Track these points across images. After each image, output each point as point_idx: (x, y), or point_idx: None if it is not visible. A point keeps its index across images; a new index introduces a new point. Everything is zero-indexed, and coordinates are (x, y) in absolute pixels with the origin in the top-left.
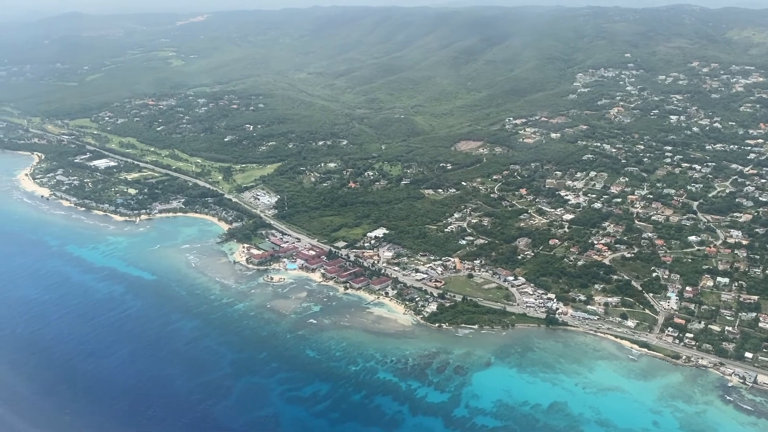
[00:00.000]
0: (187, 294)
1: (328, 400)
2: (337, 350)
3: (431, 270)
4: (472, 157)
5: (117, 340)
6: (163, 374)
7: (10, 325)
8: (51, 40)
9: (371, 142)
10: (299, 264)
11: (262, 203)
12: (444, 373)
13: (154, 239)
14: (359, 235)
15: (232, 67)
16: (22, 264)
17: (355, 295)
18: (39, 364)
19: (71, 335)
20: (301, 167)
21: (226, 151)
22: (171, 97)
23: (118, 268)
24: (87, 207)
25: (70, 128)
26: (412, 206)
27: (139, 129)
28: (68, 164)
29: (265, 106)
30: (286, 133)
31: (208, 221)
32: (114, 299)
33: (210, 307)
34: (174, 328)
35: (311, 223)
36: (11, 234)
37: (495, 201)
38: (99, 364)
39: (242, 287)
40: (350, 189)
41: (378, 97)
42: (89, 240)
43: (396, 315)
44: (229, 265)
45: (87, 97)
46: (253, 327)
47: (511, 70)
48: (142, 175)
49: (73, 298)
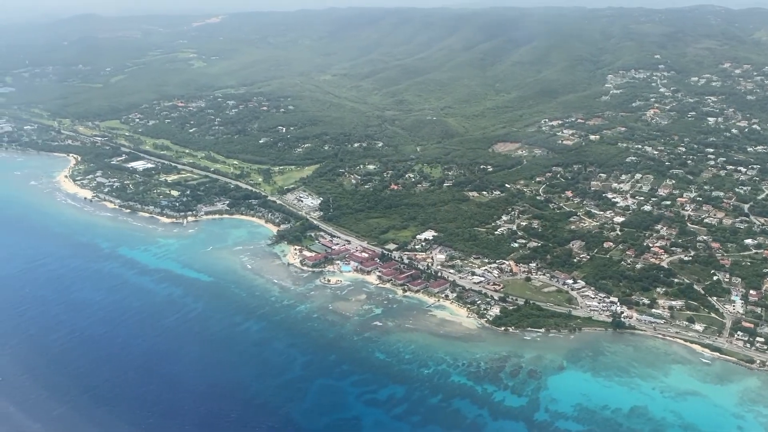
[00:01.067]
0: (248, 296)
1: (405, 403)
2: (406, 353)
3: (487, 273)
4: (512, 159)
5: (186, 342)
6: (237, 377)
7: (78, 328)
8: (70, 42)
9: (406, 143)
10: (353, 266)
11: (305, 205)
12: (518, 377)
13: (204, 241)
14: (408, 238)
15: (255, 68)
16: (78, 266)
17: (415, 297)
18: (116, 367)
19: (141, 338)
20: (339, 169)
21: (262, 153)
22: (199, 98)
23: (173, 269)
24: (132, 209)
25: (101, 130)
26: (458, 208)
27: (172, 131)
28: (106, 166)
29: (296, 108)
30: (321, 135)
31: (255, 223)
32: (175, 301)
33: (272, 309)
34: (240, 330)
35: (358, 225)
36: (61, 236)
37: (542, 203)
38: (173, 367)
39: (300, 289)
40: (393, 191)
41: (406, 99)
42: (140, 242)
43: (459, 318)
44: (284, 266)
45: (114, 99)
46: (319, 329)
47: (539, 72)
48: (181, 176)
49: (133, 301)
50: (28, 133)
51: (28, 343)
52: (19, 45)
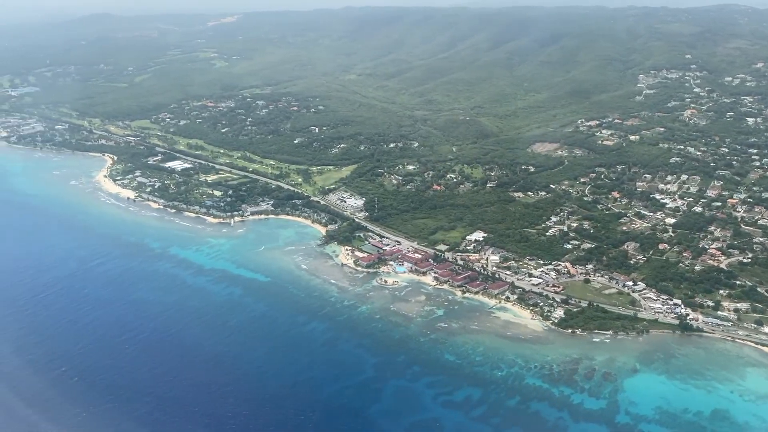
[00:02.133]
0: (307, 296)
1: (483, 405)
2: (476, 355)
3: (544, 274)
4: (553, 160)
5: (253, 342)
6: (309, 377)
7: (146, 329)
8: (88, 41)
9: (441, 143)
10: (407, 267)
11: (349, 205)
12: (593, 380)
13: (254, 241)
14: (457, 239)
15: (278, 68)
16: (132, 267)
17: (475, 299)
18: (192, 369)
19: (211, 339)
20: (378, 169)
21: (297, 153)
22: (228, 99)
23: (229, 270)
24: (177, 209)
25: (133, 130)
26: (505, 209)
27: (204, 131)
28: (143, 166)
29: (326, 108)
30: (355, 135)
31: (302, 223)
32: (235, 301)
33: (333, 310)
34: (306, 331)
35: (405, 225)
36: (110, 236)
37: (590, 204)
38: (248, 368)
39: (358, 290)
40: (435, 191)
41: (435, 99)
42: (190, 242)
43: (524, 320)
44: (338, 267)
45: (141, 99)
46: (383, 330)
47: (568, 72)
48: (220, 177)
49: (194, 301)
50: (61, 133)
51: (99, 345)
52: (36, 44)
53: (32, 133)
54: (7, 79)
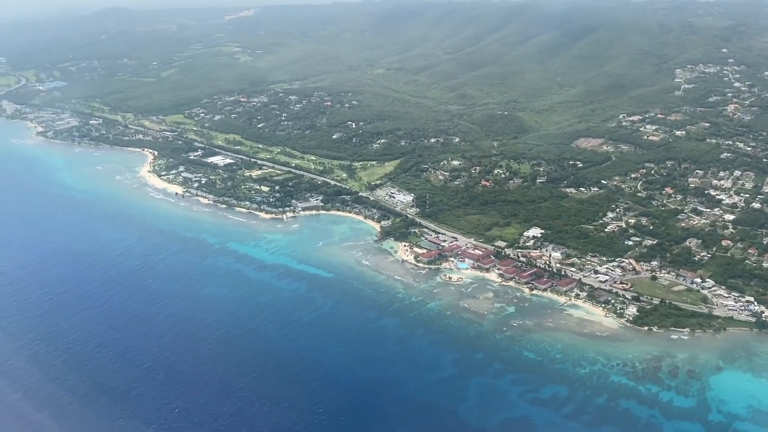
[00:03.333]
0: (373, 292)
1: (571, 403)
2: (555, 352)
3: (610, 271)
4: (599, 155)
5: (328, 339)
6: (391, 373)
7: (220, 325)
8: (108, 36)
9: (481, 139)
10: (469, 263)
11: (398, 201)
12: (678, 378)
13: (310, 237)
14: (514, 235)
15: (303, 63)
16: (193, 262)
17: (544, 296)
18: (274, 365)
19: (285, 335)
20: (423, 165)
21: (337, 149)
22: (260, 94)
23: (290, 265)
24: (228, 204)
25: (167, 124)
26: (559, 205)
27: (240, 126)
28: (186, 161)
29: (360, 103)
30: (394, 131)
31: (354, 219)
32: (303, 297)
33: (402, 306)
34: (378, 327)
35: (458, 221)
36: (166, 232)
37: (644, 200)
38: (328, 364)
39: (423, 286)
40: (485, 187)
41: (468, 93)
42: (247, 237)
43: (597, 318)
44: (399, 263)
45: (172, 94)
46: (457, 327)
47: (602, 66)
48: (264, 172)
49: (260, 296)
50: (96, 128)
51: (178, 341)
52: (56, 39)
53: (68, 128)
54: (33, 74)
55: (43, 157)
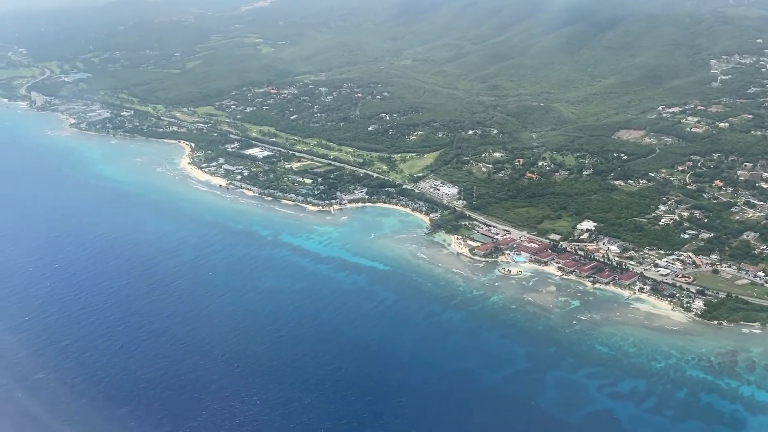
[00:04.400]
0: (433, 285)
1: (651, 397)
2: (627, 346)
3: (671, 265)
4: (643, 147)
5: (397, 332)
6: (462, 367)
7: (285, 317)
8: (126, 27)
9: (519, 130)
10: (526, 257)
11: (443, 193)
12: (756, 372)
13: (360, 229)
14: (567, 228)
15: (327, 54)
16: (248, 254)
17: (607, 290)
18: (349, 358)
19: (353, 327)
20: (463, 157)
21: (375, 141)
22: (289, 85)
23: (346, 258)
24: (274, 197)
25: (199, 116)
26: (609, 198)
27: (273, 118)
28: (224, 153)
29: (391, 95)
30: (430, 122)
31: (402, 211)
32: (363, 290)
33: (465, 299)
34: (443, 320)
35: (507, 214)
36: (216, 224)
37: (695, 193)
38: (401, 357)
39: (483, 279)
40: (531, 180)
41: (498, 84)
42: (299, 230)
43: (664, 312)
44: (454, 256)
45: (200, 85)
46: (524, 320)
47: (634, 57)
48: (304, 164)
49: (322, 288)
50: (129, 120)
51: (251, 333)
52: (73, 30)
53: (100, 119)
54: (56, 65)
55: (80, 149)
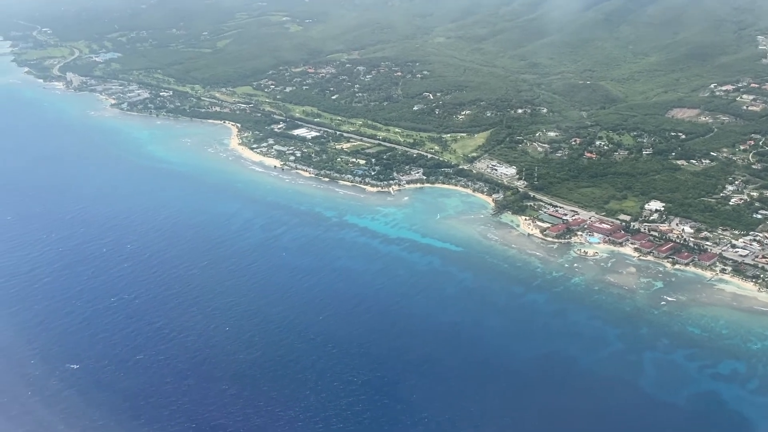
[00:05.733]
0: (510, 267)
1: (754, 378)
2: (719, 328)
3: (748, 245)
4: (700, 126)
5: (480, 313)
6: (556, 349)
7: (366, 298)
8: (147, 5)
9: (567, 109)
10: (600, 238)
11: (501, 174)
12: None
13: (424, 210)
14: (635, 208)
15: (357, 32)
16: (317, 235)
17: (688, 271)
18: (441, 340)
19: (437, 308)
20: (516, 136)
21: (421, 120)
22: (326, 64)
23: (415, 239)
24: (331, 178)
25: (239, 96)
26: (674, 178)
27: (314, 98)
28: (272, 134)
29: (431, 74)
30: (476, 101)
31: (462, 192)
32: (440, 271)
33: (545, 281)
34: (527, 302)
35: (571, 194)
36: (279, 205)
37: (761, 173)
38: (486, 339)
39: (560, 260)
40: (590, 159)
41: (539, 62)
42: (362, 211)
43: (751, 293)
44: (525, 237)
45: (234, 65)
46: (609, 302)
47: (676, 33)
48: (353, 145)
49: (398, 269)
50: (169, 100)
51: (338, 315)
52: (95, 9)
53: (140, 100)
54: (83, 45)
55: (125, 130)
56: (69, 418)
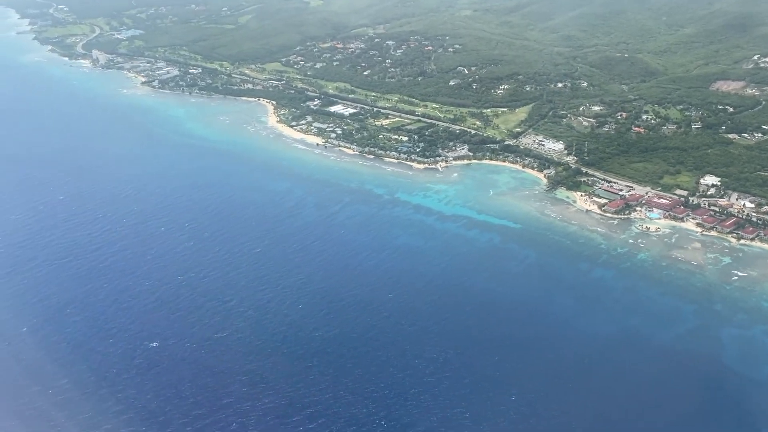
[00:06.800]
0: (572, 243)
1: None
2: None
3: None
4: (747, 99)
5: (548, 290)
6: (631, 326)
7: (439, 276)
8: None
9: (606, 83)
10: (660, 213)
11: (549, 149)
12: None
13: (475, 187)
14: (689, 183)
15: (380, 6)
16: (371, 212)
17: (754, 246)
18: (512, 318)
19: (503, 286)
20: (559, 111)
21: (458, 96)
22: (353, 39)
23: (471, 216)
24: (375, 155)
25: (269, 73)
26: (727, 152)
27: (346, 73)
28: (309, 111)
29: (463, 48)
30: (513, 75)
31: (511, 168)
32: (501, 248)
33: (610, 257)
34: (595, 278)
35: (623, 169)
36: (329, 183)
37: None
38: (557, 317)
39: (623, 236)
40: (638, 134)
41: (571, 35)
42: (413, 188)
43: None
44: (583, 213)
45: (259, 41)
46: (679, 278)
47: (711, 3)
48: (392, 122)
49: (458, 247)
50: (200, 77)
51: (410, 293)
52: None
53: (170, 77)
54: (103, 21)
55: (161, 108)
56: (160, 396)
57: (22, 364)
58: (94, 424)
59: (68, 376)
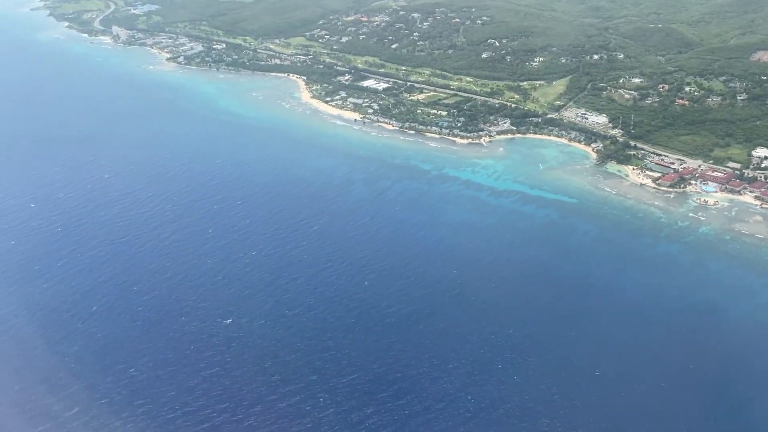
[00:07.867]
0: (632, 218)
1: None
2: None
3: None
4: None
5: (617, 266)
6: (702, 300)
7: (502, 252)
8: None
9: (642, 54)
10: (715, 186)
11: (593, 122)
12: None
13: (523, 162)
14: (741, 156)
15: None
16: (420, 188)
17: None
18: (582, 293)
19: (567, 262)
20: (599, 83)
21: (492, 68)
22: (378, 12)
23: (524, 191)
24: (416, 130)
25: (294, 48)
26: None
27: (373, 47)
28: (342, 86)
29: (491, 20)
30: (547, 47)
31: (558, 142)
32: (560, 223)
33: (672, 231)
34: (660, 253)
35: (671, 142)
36: (374, 159)
37: None
38: (628, 292)
39: (681, 210)
40: (683, 106)
41: (600, 6)
42: (459, 163)
43: None
44: (637, 187)
45: (280, 15)
46: (745, 251)
47: None
48: (428, 96)
49: (516, 223)
50: (226, 53)
51: (472, 269)
52: None
53: (195, 53)
54: None
55: (190, 85)
56: (246, 373)
57: (99, 343)
58: (184, 403)
59: (148, 354)
